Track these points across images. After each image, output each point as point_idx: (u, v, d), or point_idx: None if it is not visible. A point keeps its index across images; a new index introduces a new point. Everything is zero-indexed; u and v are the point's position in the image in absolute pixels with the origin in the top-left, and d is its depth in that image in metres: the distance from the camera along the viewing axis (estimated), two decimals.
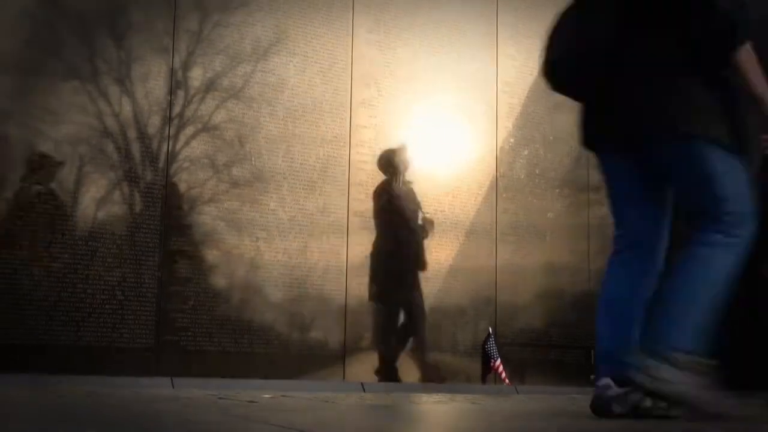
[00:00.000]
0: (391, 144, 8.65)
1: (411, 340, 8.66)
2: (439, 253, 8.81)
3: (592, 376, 4.36)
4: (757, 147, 4.44)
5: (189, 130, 7.79)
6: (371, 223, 8.48)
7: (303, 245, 8.11)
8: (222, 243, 7.80)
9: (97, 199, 7.36)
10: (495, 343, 8.65)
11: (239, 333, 7.76)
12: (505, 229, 9.15)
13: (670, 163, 3.78)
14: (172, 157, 7.68)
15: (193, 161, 7.76)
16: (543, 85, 4.03)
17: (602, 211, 9.70)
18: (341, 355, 8.22)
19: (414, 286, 8.60)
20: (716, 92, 3.61)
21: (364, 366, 8.30)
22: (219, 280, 7.78)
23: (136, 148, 7.55)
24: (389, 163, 8.53)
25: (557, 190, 9.54)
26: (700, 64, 3.63)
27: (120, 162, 7.47)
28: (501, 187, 9.17)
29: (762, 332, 8.66)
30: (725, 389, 3.58)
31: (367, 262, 8.41)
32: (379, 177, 8.53)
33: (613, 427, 3.99)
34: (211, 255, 7.77)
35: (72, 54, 7.39)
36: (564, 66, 3.92)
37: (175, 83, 7.76)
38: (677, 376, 3.49)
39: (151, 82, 7.64)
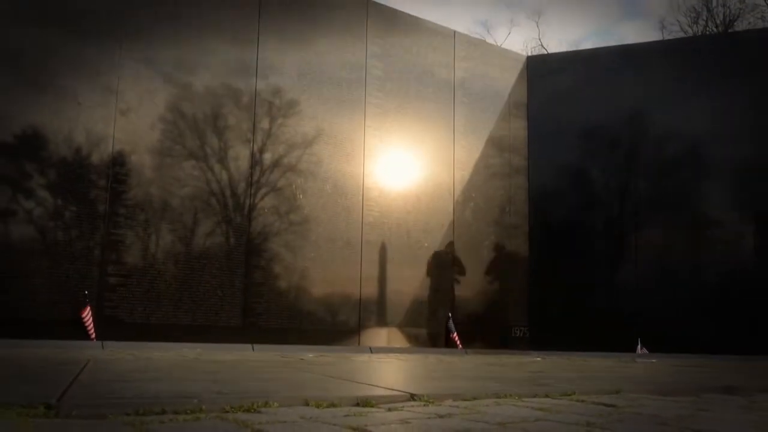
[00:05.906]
0: (390, 201, 8.78)
1: None
2: (420, 267, 8.90)
3: None
4: None
5: (263, 191, 7.94)
6: (377, 248, 8.59)
7: (333, 263, 8.22)
8: (284, 261, 7.91)
9: (205, 234, 7.49)
10: (453, 322, 8.73)
11: (294, 316, 7.85)
12: (459, 252, 9.26)
13: None
14: (252, 207, 7.81)
15: (265, 210, 7.90)
16: (482, 163, 4.17)
17: (517, 242, 9.87)
18: (357, 330, 8.30)
19: None
20: None
21: (371, 337, 8.38)
22: (282, 284, 7.87)
23: (230, 202, 7.70)
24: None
25: (490, 229, 9.66)
26: None
27: (220, 210, 7.62)
28: (456, 226, 9.29)
29: None
30: None
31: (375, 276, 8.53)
32: (382, 221, 8.65)
33: (525, 376, 4.11)
34: (277, 268, 7.87)
35: (190, 143, 7.56)
36: None
37: (254, 162, 7.92)
38: None
39: (239, 161, 7.80)
